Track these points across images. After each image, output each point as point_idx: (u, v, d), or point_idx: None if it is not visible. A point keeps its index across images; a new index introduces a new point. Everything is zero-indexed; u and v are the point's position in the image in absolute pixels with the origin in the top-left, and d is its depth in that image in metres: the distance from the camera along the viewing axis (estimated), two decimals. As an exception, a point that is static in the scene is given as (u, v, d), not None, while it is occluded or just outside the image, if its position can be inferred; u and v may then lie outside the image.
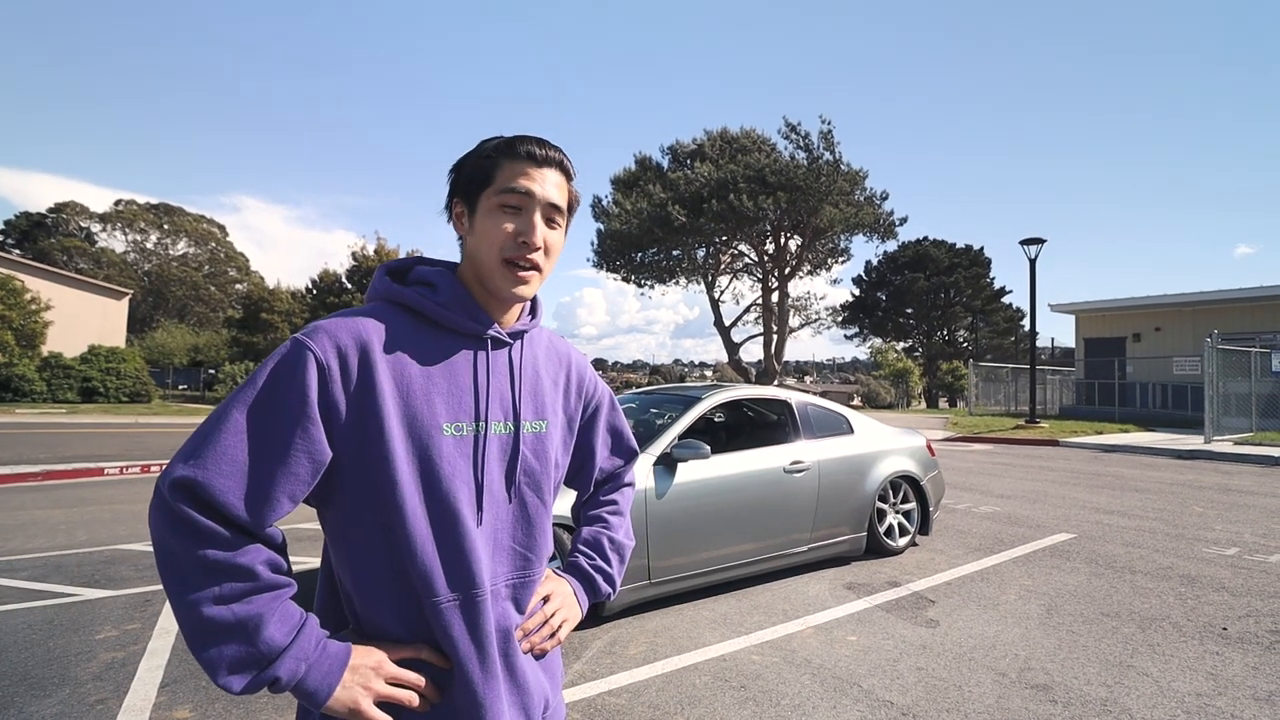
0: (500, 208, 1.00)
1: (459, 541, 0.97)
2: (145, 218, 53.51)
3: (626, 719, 2.85)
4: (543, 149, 1.03)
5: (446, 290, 1.04)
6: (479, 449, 1.01)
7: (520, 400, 1.07)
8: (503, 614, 1.02)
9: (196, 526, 0.85)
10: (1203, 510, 7.36)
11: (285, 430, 0.89)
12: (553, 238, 1.05)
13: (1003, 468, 11.01)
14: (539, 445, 1.09)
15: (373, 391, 0.94)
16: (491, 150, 1.03)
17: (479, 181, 1.02)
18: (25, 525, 6.39)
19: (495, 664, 0.99)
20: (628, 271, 28.59)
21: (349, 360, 0.93)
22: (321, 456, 0.92)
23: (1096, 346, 23.64)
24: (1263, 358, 15.26)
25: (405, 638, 0.97)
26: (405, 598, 0.96)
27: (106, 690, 3.06)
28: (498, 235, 1.00)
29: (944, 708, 2.91)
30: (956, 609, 4.19)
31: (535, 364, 1.14)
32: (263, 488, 0.88)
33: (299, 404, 0.90)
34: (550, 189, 1.02)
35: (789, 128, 24.21)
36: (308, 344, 0.92)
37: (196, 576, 0.85)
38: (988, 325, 48.79)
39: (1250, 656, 3.47)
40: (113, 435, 14.69)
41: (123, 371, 25.08)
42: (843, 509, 5.06)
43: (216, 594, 0.85)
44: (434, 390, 0.99)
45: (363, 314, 1.00)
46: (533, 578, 1.08)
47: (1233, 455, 12.17)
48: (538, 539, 1.08)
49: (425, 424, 0.97)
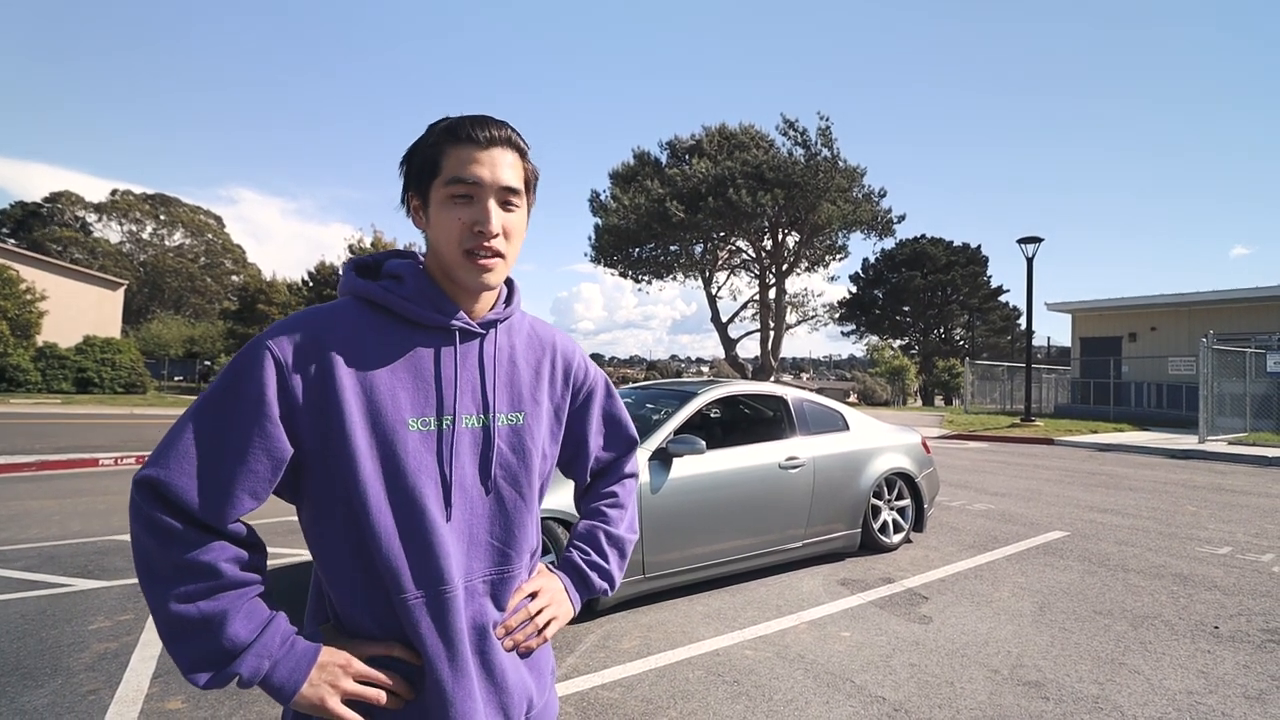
0: (451, 198, 0.97)
1: (426, 538, 0.95)
2: (141, 208, 53.26)
3: (619, 713, 2.85)
4: (487, 129, 0.98)
5: (412, 283, 1.01)
6: (446, 443, 0.99)
7: (494, 392, 1.04)
8: (479, 610, 1.00)
9: (160, 525, 0.87)
10: (1196, 509, 7.39)
11: (242, 429, 0.89)
12: (511, 221, 1.01)
13: (997, 466, 11.04)
14: (515, 438, 1.06)
15: (333, 388, 0.92)
16: (435, 138, 0.98)
17: (428, 172, 0.98)
18: (19, 515, 6.37)
19: (467, 662, 0.97)
20: (625, 267, 28.57)
21: (308, 357, 0.93)
22: (280, 454, 0.91)
23: (1092, 346, 23.69)
24: (1257, 358, 15.29)
25: (378, 634, 0.96)
26: (376, 594, 0.95)
27: (99, 681, 3.05)
28: (453, 227, 0.97)
29: (936, 704, 2.92)
30: (950, 606, 4.20)
31: (512, 353, 1.10)
32: (221, 485, 0.88)
33: (255, 402, 0.90)
34: (502, 171, 0.98)
35: (787, 124, 24.16)
36: (265, 343, 0.92)
37: (165, 573, 0.88)
38: (984, 323, 48.89)
39: (1241, 655, 3.49)
40: (108, 426, 14.64)
41: (118, 362, 24.98)
42: (837, 505, 5.07)
43: (182, 591, 0.87)
44: (398, 385, 0.97)
45: (325, 310, 0.98)
46: (512, 573, 1.05)
47: (1227, 455, 12.21)
48: (517, 534, 1.05)
49: (389, 419, 0.95)
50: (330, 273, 28.43)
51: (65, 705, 2.83)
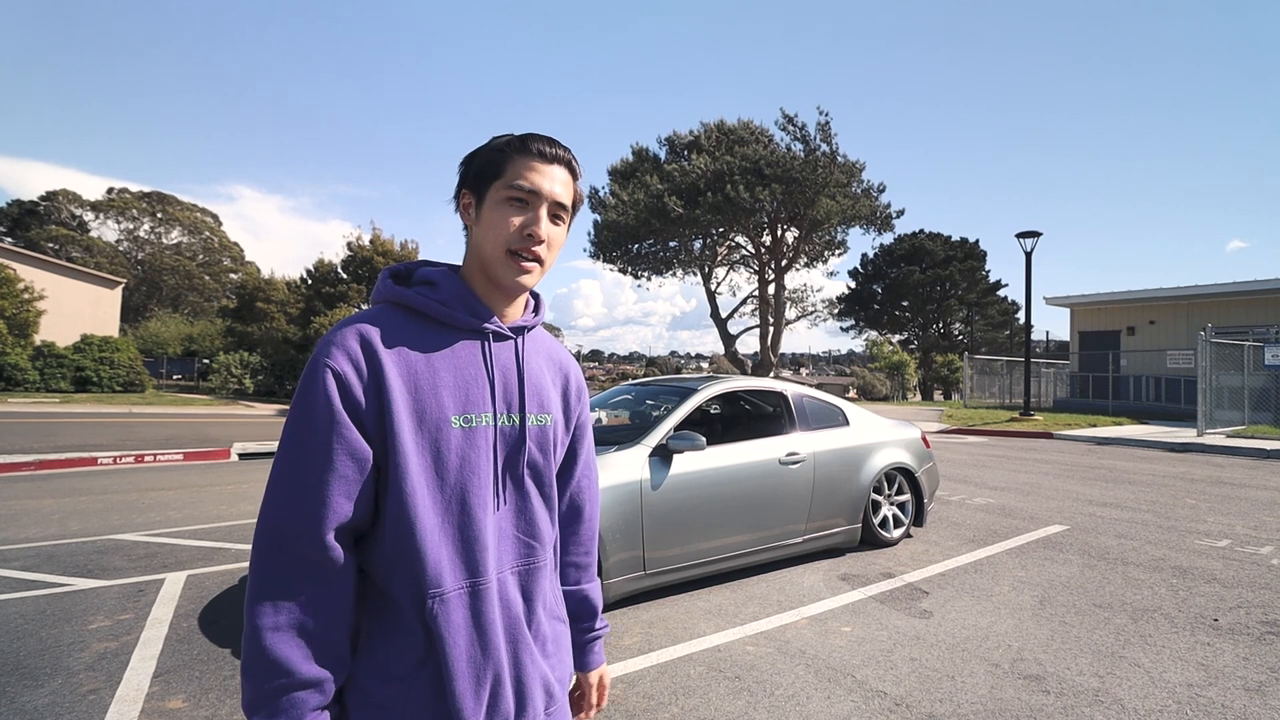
0: (508, 200, 1.05)
1: (468, 531, 1.01)
2: (138, 206, 53.07)
3: (621, 709, 2.85)
4: (552, 148, 1.07)
5: (447, 288, 1.08)
6: (486, 440, 1.04)
7: (525, 392, 1.11)
8: (510, 600, 1.05)
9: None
10: (1195, 503, 7.40)
11: (321, 438, 0.95)
12: (555, 233, 1.09)
13: (997, 460, 11.05)
14: (543, 437, 1.13)
15: (384, 388, 0.98)
16: (503, 145, 1.07)
17: (489, 175, 1.06)
18: (18, 515, 6.36)
19: (500, 651, 1.02)
20: (624, 263, 28.51)
21: (360, 363, 0.98)
22: (362, 454, 0.96)
23: (1091, 339, 23.70)
24: (1255, 351, 15.30)
25: (415, 628, 0.98)
26: (410, 587, 0.98)
27: (99, 680, 3.05)
28: (504, 227, 1.04)
29: (937, 698, 2.92)
30: (950, 600, 4.20)
31: (538, 360, 1.17)
32: (317, 493, 0.93)
33: (326, 412, 0.95)
34: (557, 186, 1.07)
35: (786, 119, 24.10)
36: (321, 358, 0.98)
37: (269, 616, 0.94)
38: (983, 318, 48.88)
39: (1241, 647, 3.49)
40: (106, 425, 14.62)
41: (116, 361, 24.92)
42: (838, 500, 5.07)
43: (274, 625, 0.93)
44: (440, 384, 1.02)
45: (366, 317, 1.04)
46: (537, 564, 1.11)
47: (1225, 448, 12.23)
48: (541, 528, 1.12)
49: (433, 417, 1.00)
50: (329, 270, 28.34)
51: (65, 705, 2.82)
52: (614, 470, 3.98)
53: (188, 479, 8.65)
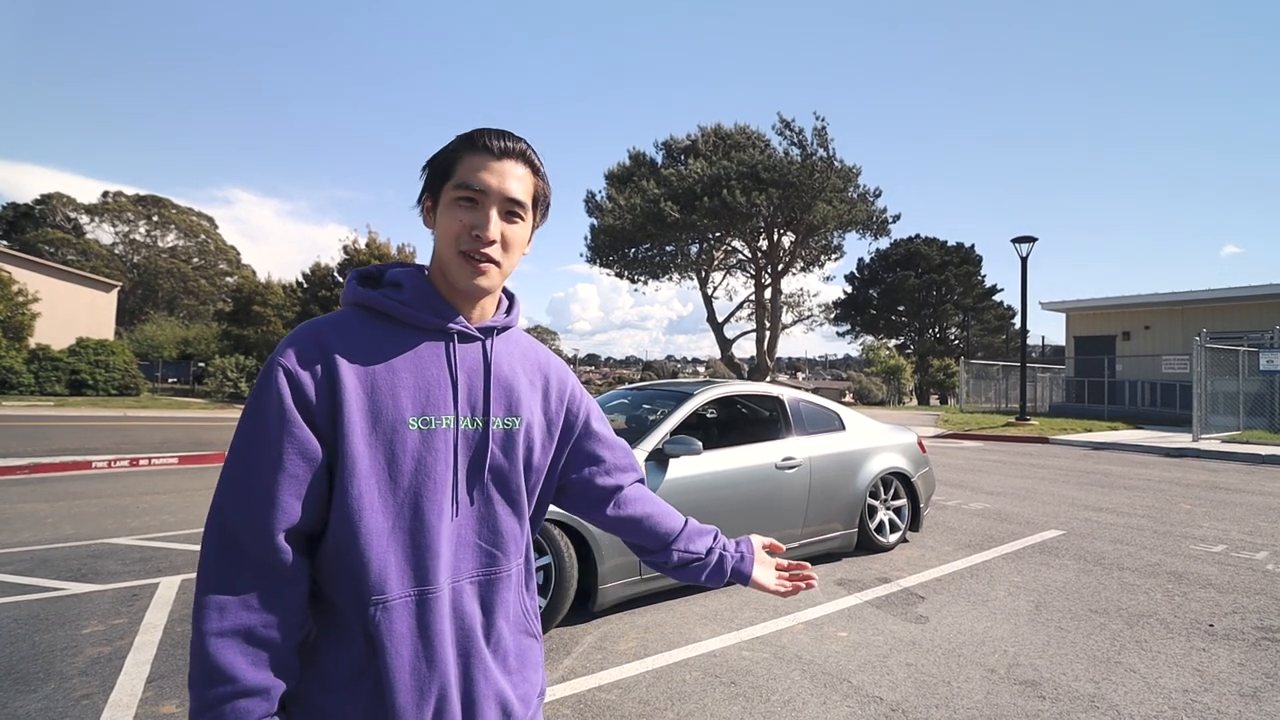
0: (457, 201, 1.01)
1: (418, 538, 0.96)
2: (133, 209, 53.01)
3: (617, 715, 2.85)
4: (502, 141, 1.02)
5: (411, 289, 1.04)
6: (446, 443, 1.00)
7: (491, 394, 1.06)
8: (464, 612, 1.00)
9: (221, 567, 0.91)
10: (1190, 508, 7.42)
11: (272, 437, 0.92)
12: (512, 232, 1.03)
13: (993, 465, 11.07)
14: (509, 442, 1.07)
15: (338, 387, 0.95)
16: (455, 144, 1.03)
17: (441, 175, 1.03)
18: (11, 519, 6.33)
19: (448, 664, 0.97)
20: (621, 267, 28.57)
21: (314, 362, 0.95)
22: (313, 452, 0.93)
23: (1087, 344, 23.78)
24: (1250, 357, 15.36)
25: (356, 636, 0.95)
26: (354, 593, 0.94)
27: (93, 685, 3.03)
28: (453, 228, 1.00)
29: (933, 703, 2.92)
30: (946, 605, 4.21)
31: (511, 361, 1.12)
32: (266, 493, 0.90)
33: (278, 411, 0.93)
34: (510, 183, 1.02)
35: (783, 124, 24.20)
36: (275, 358, 0.96)
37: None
38: (979, 323, 49.07)
39: (1236, 653, 3.50)
40: (101, 428, 14.57)
41: (111, 364, 24.86)
42: (834, 505, 5.07)
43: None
44: (399, 385, 0.98)
45: (327, 319, 1.01)
46: (500, 574, 1.05)
47: (1220, 453, 12.27)
48: (506, 536, 1.06)
49: (389, 418, 0.96)
50: (325, 274, 28.33)
51: (59, 710, 2.81)
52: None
53: (183, 483, 8.62)
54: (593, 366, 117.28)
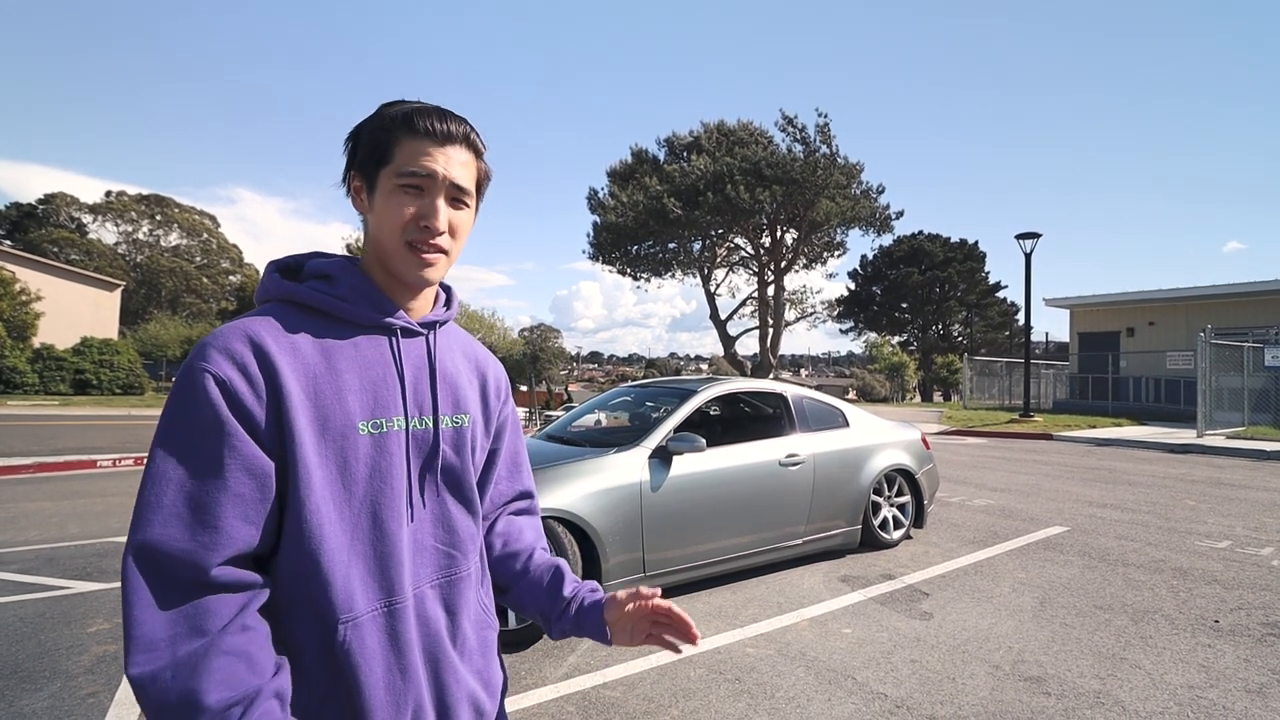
0: (400, 189, 0.93)
1: (381, 548, 0.91)
2: (136, 209, 53.06)
3: (621, 712, 2.85)
4: (445, 123, 0.95)
5: (346, 282, 0.97)
6: (399, 445, 0.95)
7: (438, 392, 1.01)
8: (429, 617, 0.96)
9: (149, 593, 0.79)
10: (1195, 504, 7.39)
11: (210, 452, 0.82)
12: (458, 219, 0.98)
13: (997, 461, 11.04)
14: (459, 439, 1.03)
15: (281, 395, 0.86)
16: (390, 124, 0.95)
17: (377, 158, 0.94)
18: (16, 518, 6.35)
19: (418, 670, 0.93)
20: (624, 264, 28.53)
21: (249, 368, 0.85)
22: (261, 468, 0.84)
23: (1090, 341, 23.70)
24: (1255, 352, 15.30)
25: (318, 653, 0.88)
26: (315, 618, 0.88)
27: (98, 684, 3.04)
28: (399, 218, 0.93)
29: (938, 700, 2.92)
30: (950, 602, 4.20)
31: (453, 357, 1.08)
32: (209, 518, 0.80)
33: (213, 422, 0.82)
34: (455, 168, 0.95)
35: (786, 120, 24.12)
36: (197, 363, 0.84)
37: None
38: (982, 319, 48.93)
39: (1242, 649, 3.49)
40: (105, 427, 14.62)
41: (116, 363, 24.93)
42: (838, 502, 5.07)
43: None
44: (344, 388, 0.91)
45: (252, 318, 0.91)
46: (460, 574, 1.01)
47: (1225, 449, 12.22)
48: (462, 536, 1.03)
49: (338, 424, 0.90)
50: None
51: (64, 708, 2.82)
52: (614, 472, 3.98)
53: (187, 481, 8.63)
54: (596, 364, 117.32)
